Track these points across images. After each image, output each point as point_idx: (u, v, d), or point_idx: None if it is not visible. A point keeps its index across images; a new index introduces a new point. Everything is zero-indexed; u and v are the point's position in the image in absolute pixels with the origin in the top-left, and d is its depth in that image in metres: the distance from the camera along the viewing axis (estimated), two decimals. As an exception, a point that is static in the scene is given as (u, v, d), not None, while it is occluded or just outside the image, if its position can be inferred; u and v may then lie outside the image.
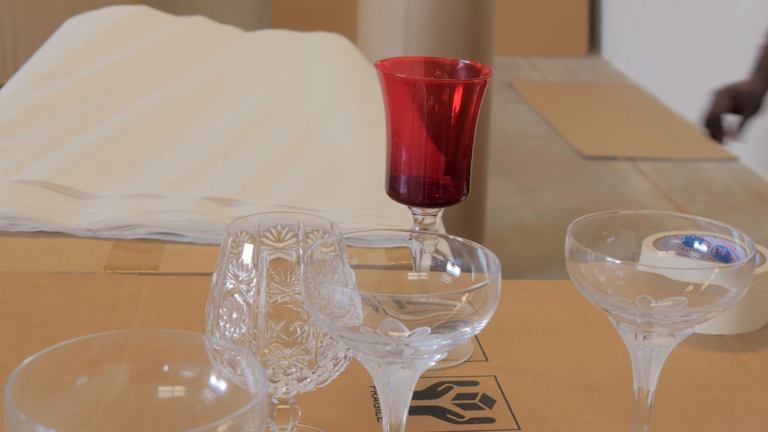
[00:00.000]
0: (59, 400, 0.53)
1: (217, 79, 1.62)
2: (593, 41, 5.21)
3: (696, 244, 0.76)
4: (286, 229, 0.73)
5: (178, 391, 0.56)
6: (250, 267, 0.67)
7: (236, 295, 0.68)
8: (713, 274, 0.67)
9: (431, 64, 0.89)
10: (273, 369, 0.68)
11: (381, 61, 0.86)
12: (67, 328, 0.89)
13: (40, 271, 1.00)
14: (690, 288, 0.67)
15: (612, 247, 0.73)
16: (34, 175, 1.15)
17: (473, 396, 0.83)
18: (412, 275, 0.71)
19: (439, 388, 0.84)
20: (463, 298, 0.60)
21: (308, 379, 0.69)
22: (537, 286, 1.04)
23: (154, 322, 0.91)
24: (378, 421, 0.79)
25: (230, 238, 0.68)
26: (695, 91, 4.19)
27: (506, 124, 4.09)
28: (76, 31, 1.84)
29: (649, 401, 0.72)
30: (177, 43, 1.81)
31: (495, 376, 0.86)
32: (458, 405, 0.82)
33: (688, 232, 0.76)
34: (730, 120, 1.70)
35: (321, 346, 0.68)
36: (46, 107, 1.42)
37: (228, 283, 0.68)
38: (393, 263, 0.72)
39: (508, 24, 4.75)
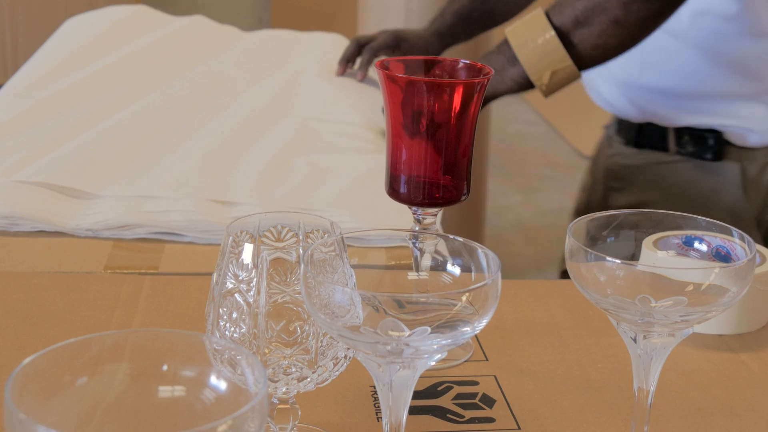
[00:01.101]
0: (59, 400, 0.53)
1: (217, 79, 1.62)
2: (593, 41, 5.20)
3: (696, 244, 0.76)
4: (286, 229, 0.73)
5: (178, 391, 0.56)
6: (250, 267, 0.67)
7: (236, 295, 0.68)
8: (713, 273, 0.67)
9: (431, 64, 0.90)
10: (273, 369, 0.68)
11: (381, 61, 0.86)
12: (67, 328, 0.89)
13: (40, 271, 1.00)
14: (690, 288, 0.67)
15: (612, 247, 0.73)
16: (34, 176, 1.15)
17: (473, 396, 0.83)
18: (412, 275, 0.71)
19: (439, 388, 0.84)
20: (463, 298, 0.60)
21: (308, 379, 0.69)
22: (537, 286, 1.04)
23: (154, 322, 0.91)
24: (378, 421, 0.79)
25: (230, 238, 0.68)
26: (695, 91, 4.18)
27: (506, 124, 4.09)
28: (75, 31, 1.84)
29: (649, 401, 0.72)
30: (176, 42, 1.81)
31: (495, 376, 0.86)
32: (458, 405, 0.82)
33: (688, 232, 0.76)
34: (371, 49, 1.53)
35: (321, 346, 0.68)
36: (45, 107, 1.42)
37: (228, 283, 0.68)
38: (393, 263, 0.72)
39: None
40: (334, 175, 1.25)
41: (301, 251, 0.67)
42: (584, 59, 1.21)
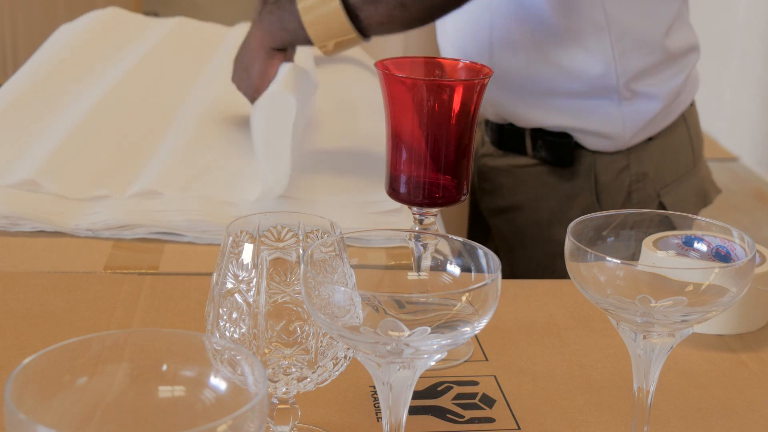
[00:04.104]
0: (59, 400, 0.53)
1: (209, 76, 1.62)
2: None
3: (696, 244, 0.76)
4: (286, 229, 0.73)
5: (178, 391, 0.56)
6: (250, 267, 0.67)
7: (236, 295, 0.68)
8: (713, 273, 0.67)
9: (431, 64, 0.89)
10: (273, 369, 0.68)
11: (381, 61, 0.86)
12: (67, 328, 0.89)
13: (40, 271, 1.00)
14: (690, 288, 0.67)
15: (612, 247, 0.73)
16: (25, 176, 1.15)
17: (473, 396, 0.83)
18: (412, 275, 0.71)
19: (439, 388, 0.84)
20: (463, 298, 0.60)
21: (308, 379, 0.69)
22: (537, 286, 1.04)
23: (154, 322, 0.91)
24: (378, 421, 0.79)
25: (230, 238, 0.68)
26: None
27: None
28: (61, 38, 1.84)
29: (649, 401, 0.72)
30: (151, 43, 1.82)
31: (495, 376, 0.86)
32: (458, 405, 0.82)
33: (688, 232, 0.76)
34: None
35: (321, 346, 0.68)
36: (22, 110, 1.42)
37: (228, 283, 0.68)
38: (393, 263, 0.72)
39: None
40: (335, 173, 1.25)
41: (301, 251, 0.67)
42: (369, 32, 1.21)
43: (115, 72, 1.61)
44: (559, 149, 1.40)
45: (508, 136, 1.45)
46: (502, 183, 1.47)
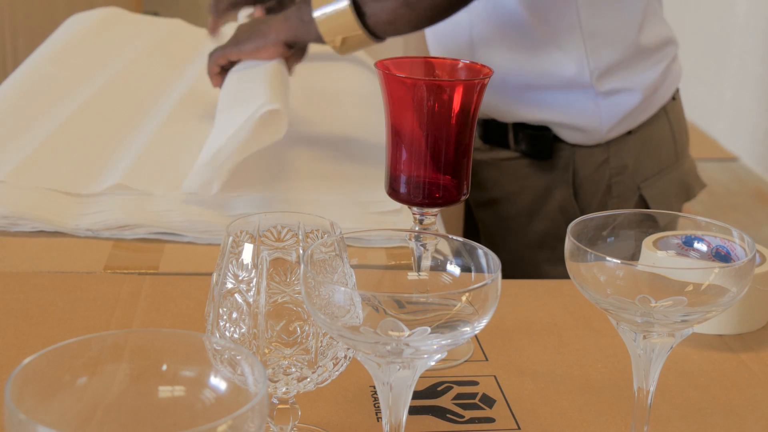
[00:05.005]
0: (59, 400, 0.53)
1: (189, 75, 1.62)
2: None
3: (696, 244, 0.76)
4: (286, 229, 0.73)
5: (178, 390, 0.56)
6: (250, 267, 0.67)
7: (236, 295, 0.68)
8: (713, 273, 0.67)
9: (431, 64, 0.90)
10: (273, 369, 0.68)
11: (381, 61, 0.86)
12: (67, 328, 0.89)
13: (40, 271, 1.00)
14: (690, 288, 0.67)
15: (612, 247, 0.73)
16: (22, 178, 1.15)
17: (473, 396, 0.83)
18: (412, 275, 0.71)
19: (439, 388, 0.84)
20: (463, 298, 0.60)
21: (308, 379, 0.69)
22: (537, 286, 1.04)
23: (154, 322, 0.91)
24: (378, 421, 0.79)
25: (230, 238, 0.68)
26: (695, 91, 4.19)
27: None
28: (64, 33, 1.84)
29: (649, 401, 0.72)
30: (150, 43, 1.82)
31: (495, 376, 0.86)
32: (458, 405, 0.82)
33: (688, 232, 0.76)
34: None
35: (321, 346, 0.68)
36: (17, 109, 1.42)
37: (228, 283, 0.68)
38: (393, 263, 0.72)
39: None
40: (336, 173, 1.25)
41: (301, 251, 0.67)
42: (377, 31, 1.24)
43: (103, 74, 1.61)
44: (538, 142, 1.43)
45: (492, 130, 1.48)
46: (486, 176, 1.51)
